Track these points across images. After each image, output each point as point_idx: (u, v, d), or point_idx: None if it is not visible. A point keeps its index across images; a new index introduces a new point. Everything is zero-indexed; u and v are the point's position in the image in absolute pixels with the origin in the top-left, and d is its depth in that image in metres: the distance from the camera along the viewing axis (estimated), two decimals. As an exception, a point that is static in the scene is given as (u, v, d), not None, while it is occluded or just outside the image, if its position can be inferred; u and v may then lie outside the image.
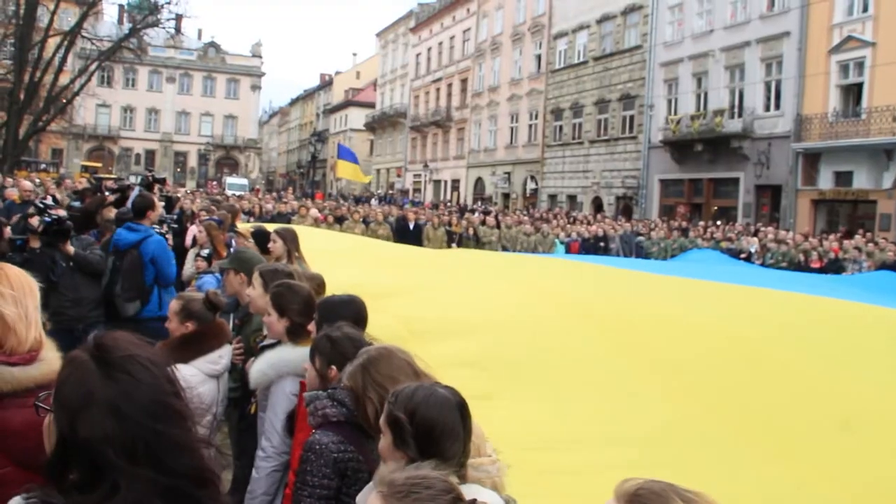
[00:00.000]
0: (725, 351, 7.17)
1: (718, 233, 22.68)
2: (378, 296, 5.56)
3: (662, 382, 5.72)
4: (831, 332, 8.78)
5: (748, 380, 5.87)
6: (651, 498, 1.41)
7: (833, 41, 25.53)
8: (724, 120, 28.55)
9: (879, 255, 18.13)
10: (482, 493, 2.16)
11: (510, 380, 5.31)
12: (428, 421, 2.17)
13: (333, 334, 3.19)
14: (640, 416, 4.80)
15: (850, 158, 24.76)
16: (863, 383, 6.37)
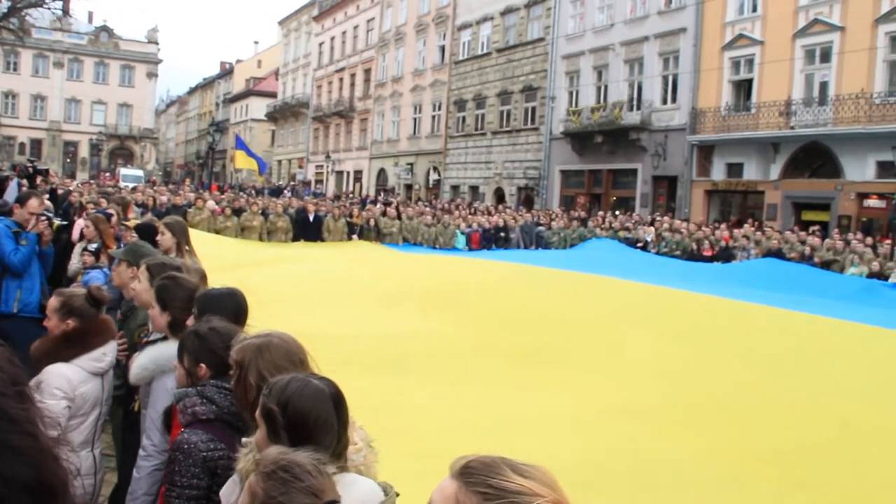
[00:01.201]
0: (589, 340, 7.30)
1: (616, 223, 22.97)
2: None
3: (532, 372, 6.08)
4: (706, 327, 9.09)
5: (610, 367, 6.47)
6: (481, 468, 1.40)
7: (726, 38, 26.28)
8: (623, 112, 28.97)
9: (766, 242, 18.69)
10: (360, 482, 2.19)
11: (389, 373, 5.41)
12: (300, 412, 2.15)
13: (201, 330, 3.09)
14: (511, 405, 4.91)
15: (741, 151, 25.54)
16: (730, 373, 6.67)
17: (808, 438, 4.81)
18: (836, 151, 22.75)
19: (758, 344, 8.22)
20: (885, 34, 21.97)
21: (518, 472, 1.39)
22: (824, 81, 23.47)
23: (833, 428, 5.07)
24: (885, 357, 7.70)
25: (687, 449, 4.44)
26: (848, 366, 7.15)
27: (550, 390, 5.45)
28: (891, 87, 21.87)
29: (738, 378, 6.32)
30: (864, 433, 4.99)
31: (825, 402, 5.68)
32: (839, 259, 16.96)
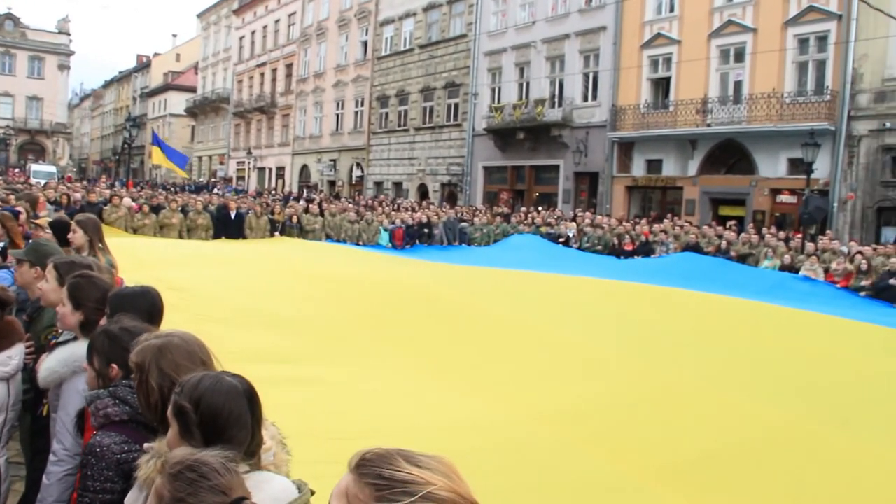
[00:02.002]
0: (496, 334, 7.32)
1: (539, 218, 22.95)
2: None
3: (451, 371, 6.03)
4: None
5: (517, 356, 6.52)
6: (375, 460, 1.42)
7: (644, 37, 26.54)
8: (545, 109, 29.02)
9: (684, 237, 18.92)
10: (274, 479, 2.16)
11: (303, 370, 5.32)
12: (213, 409, 2.12)
13: (112, 329, 2.99)
14: (433, 406, 4.87)
15: (660, 147, 25.84)
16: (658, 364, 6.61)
17: (727, 441, 4.77)
18: (751, 148, 23.21)
19: (686, 337, 8.25)
20: (794, 36, 22.51)
21: (412, 461, 1.39)
22: (738, 81, 23.92)
23: (757, 430, 5.01)
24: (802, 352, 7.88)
25: (595, 450, 4.43)
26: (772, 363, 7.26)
27: (469, 390, 5.33)
28: (800, 88, 22.42)
29: (665, 376, 6.32)
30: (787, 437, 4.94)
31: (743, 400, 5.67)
32: (754, 253, 17.25)
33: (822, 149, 20.25)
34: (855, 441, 4.99)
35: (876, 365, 7.30)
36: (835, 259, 15.78)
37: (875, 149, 20.71)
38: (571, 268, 16.29)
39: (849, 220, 21.05)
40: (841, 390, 6.30)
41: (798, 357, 7.36)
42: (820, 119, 21.07)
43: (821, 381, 6.53)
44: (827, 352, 7.63)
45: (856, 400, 6.07)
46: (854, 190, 20.93)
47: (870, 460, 4.72)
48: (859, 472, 4.55)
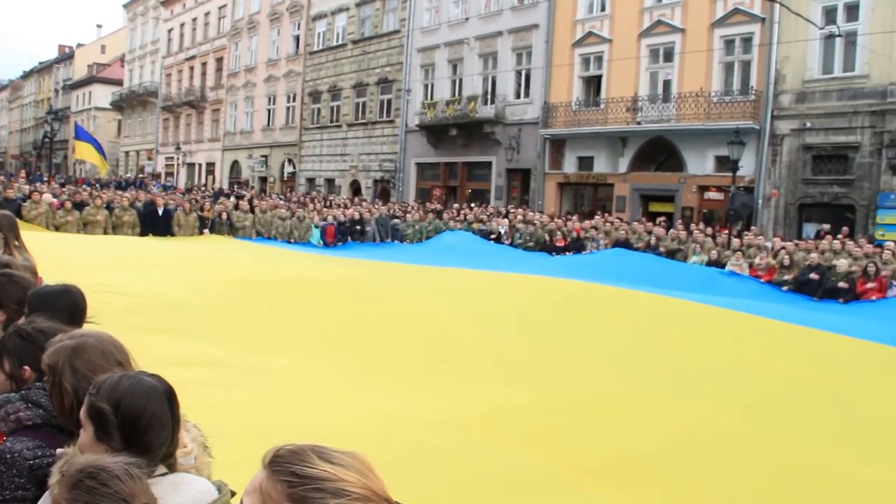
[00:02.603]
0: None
1: (471, 215, 22.82)
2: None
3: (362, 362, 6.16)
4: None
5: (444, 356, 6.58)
6: (288, 456, 1.39)
7: (576, 35, 26.61)
8: (478, 106, 28.89)
9: (615, 233, 19.02)
10: (192, 481, 2.09)
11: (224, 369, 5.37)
12: (134, 411, 2.04)
13: (25, 329, 2.83)
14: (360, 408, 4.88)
15: (592, 145, 25.94)
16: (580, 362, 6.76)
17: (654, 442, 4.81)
18: (679, 146, 23.47)
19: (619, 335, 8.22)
20: (721, 38, 22.84)
21: (325, 458, 1.37)
22: (668, 80, 24.16)
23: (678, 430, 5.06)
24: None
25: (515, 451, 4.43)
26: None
27: (399, 390, 5.35)
28: (726, 87, 22.75)
29: (593, 377, 6.37)
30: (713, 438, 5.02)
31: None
32: (683, 248, 17.39)
33: (748, 147, 20.58)
34: (773, 439, 5.10)
35: (796, 367, 7.51)
36: (759, 254, 15.97)
37: (797, 147, 21.14)
38: (503, 265, 16.31)
39: (773, 217, 21.45)
40: (759, 391, 6.46)
41: (719, 358, 7.54)
42: (745, 118, 21.41)
43: (740, 380, 6.72)
44: (748, 353, 7.81)
45: (775, 400, 6.23)
46: (777, 187, 21.34)
47: (788, 457, 4.82)
48: (780, 469, 4.62)
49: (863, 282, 13.82)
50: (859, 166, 20.01)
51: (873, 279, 13.76)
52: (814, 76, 20.95)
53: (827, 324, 9.75)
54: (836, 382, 7.03)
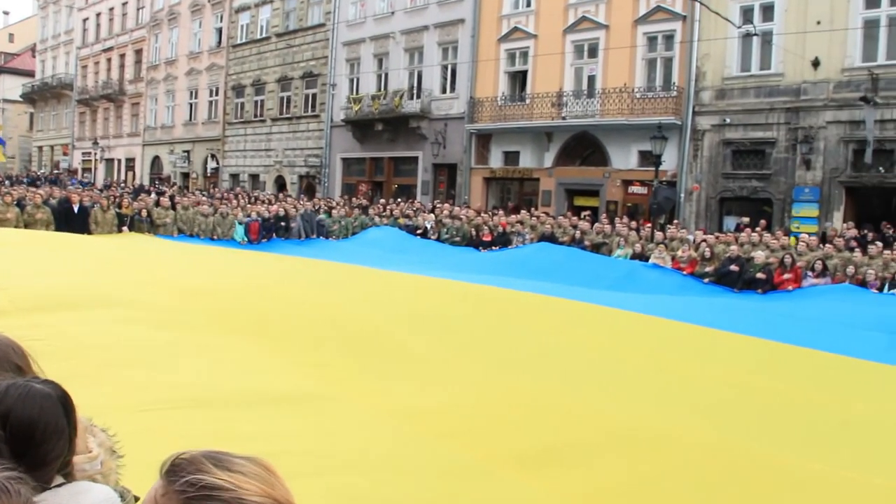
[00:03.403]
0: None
1: (397, 210, 22.48)
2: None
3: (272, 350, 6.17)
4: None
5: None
6: (184, 465, 1.29)
7: (502, 31, 26.47)
8: (404, 101, 28.52)
9: (541, 227, 18.98)
10: (92, 489, 1.91)
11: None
12: (26, 421, 1.80)
13: None
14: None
15: (517, 140, 25.85)
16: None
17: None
18: (604, 141, 23.55)
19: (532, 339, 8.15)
20: (644, 34, 23.00)
21: (222, 465, 1.29)
22: (592, 75, 24.23)
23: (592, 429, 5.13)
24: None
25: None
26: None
27: (318, 392, 5.32)
28: (649, 84, 22.93)
29: (507, 380, 6.30)
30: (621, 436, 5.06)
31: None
32: (607, 242, 17.41)
33: (670, 142, 20.79)
34: (684, 431, 5.23)
35: (704, 365, 7.69)
36: (681, 247, 16.07)
37: (717, 143, 21.44)
38: (430, 260, 16.12)
39: (694, 210, 21.70)
40: (665, 388, 6.57)
41: (629, 358, 7.63)
42: (667, 114, 21.60)
43: (649, 378, 6.85)
44: (657, 354, 7.93)
45: (686, 396, 6.34)
46: (699, 181, 21.61)
47: (701, 448, 4.90)
48: (692, 458, 4.70)
49: (780, 272, 14.07)
50: (776, 161, 20.40)
51: (789, 270, 14.00)
52: (732, 74, 21.26)
53: (734, 324, 9.90)
54: (742, 378, 7.27)
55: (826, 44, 19.51)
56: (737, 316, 10.85)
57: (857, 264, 13.88)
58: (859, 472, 4.79)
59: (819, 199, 19.58)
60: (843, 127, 19.38)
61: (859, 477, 4.70)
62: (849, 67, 19.36)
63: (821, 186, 19.61)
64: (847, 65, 19.40)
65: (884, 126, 18.61)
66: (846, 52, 19.41)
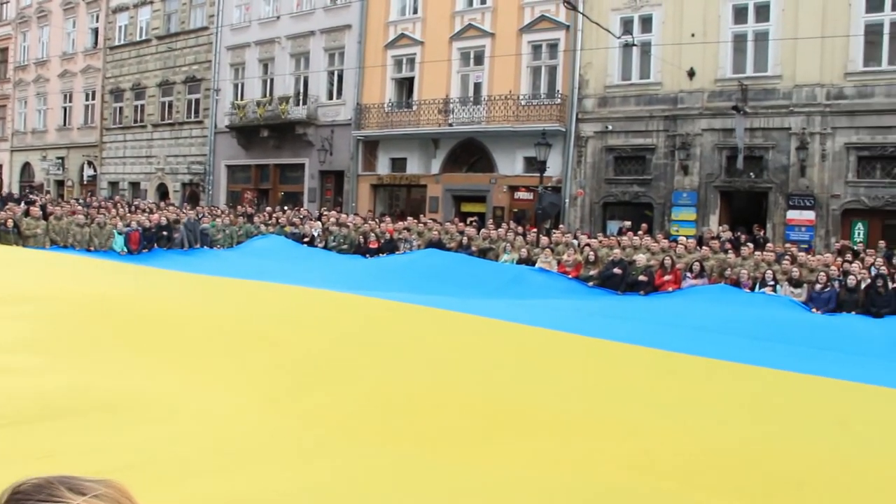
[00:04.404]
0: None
1: (283, 218, 21.66)
2: None
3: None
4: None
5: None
6: (31, 491, 1.20)
7: (389, 37, 26.04)
8: (290, 107, 27.65)
9: (427, 234, 18.66)
10: None
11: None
12: None
13: None
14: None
15: (404, 146, 25.43)
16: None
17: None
18: (490, 148, 23.44)
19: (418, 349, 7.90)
20: (528, 43, 23.05)
21: (76, 489, 1.21)
22: (478, 82, 24.11)
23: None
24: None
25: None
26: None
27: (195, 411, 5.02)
28: (534, 91, 22.99)
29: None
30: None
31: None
32: (494, 247, 17.18)
33: (554, 148, 20.83)
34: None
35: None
36: (566, 251, 16.00)
37: (600, 149, 21.65)
38: (317, 268, 15.53)
39: (579, 215, 21.82)
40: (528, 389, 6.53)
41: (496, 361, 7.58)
42: (552, 121, 21.68)
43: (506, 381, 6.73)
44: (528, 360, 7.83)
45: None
46: (583, 187, 21.75)
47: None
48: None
49: (660, 274, 14.15)
50: (655, 167, 20.76)
51: (669, 271, 14.10)
52: (614, 82, 21.53)
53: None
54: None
55: (700, 55, 20.01)
56: (610, 322, 10.89)
57: (731, 265, 14.13)
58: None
59: (696, 203, 20.03)
60: (717, 134, 19.90)
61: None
62: (721, 78, 19.91)
63: (698, 191, 20.07)
64: (719, 76, 19.96)
65: (753, 134, 19.21)
66: (718, 63, 19.97)
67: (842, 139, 18.46)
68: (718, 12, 20.00)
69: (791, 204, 18.83)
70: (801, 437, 5.36)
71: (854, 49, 18.40)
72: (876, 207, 18.13)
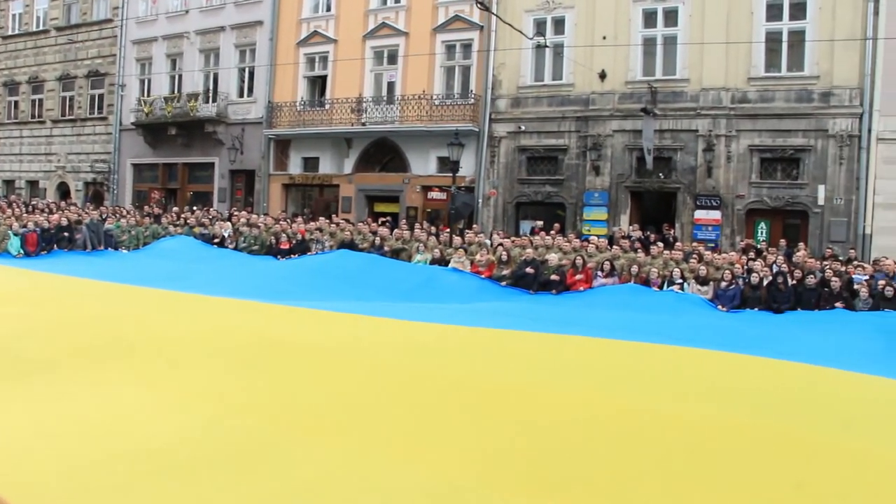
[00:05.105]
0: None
1: (192, 219, 20.70)
2: None
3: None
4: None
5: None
6: None
7: (302, 34, 25.34)
8: (199, 104, 26.57)
9: (340, 234, 18.14)
10: None
11: None
12: None
13: None
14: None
15: (317, 145, 24.76)
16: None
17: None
18: (403, 147, 23.02)
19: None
20: (442, 42, 22.73)
21: None
22: (391, 82, 23.66)
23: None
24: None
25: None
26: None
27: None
28: (448, 91, 22.68)
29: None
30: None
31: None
32: (407, 248, 16.79)
33: (468, 148, 20.59)
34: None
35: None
36: (479, 251, 15.73)
37: (512, 149, 21.51)
38: (227, 269, 14.97)
39: (492, 215, 21.61)
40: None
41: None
42: (465, 121, 21.43)
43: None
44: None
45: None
46: (496, 187, 21.55)
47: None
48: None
49: (572, 274, 14.04)
50: (567, 167, 20.73)
51: (581, 271, 14.00)
52: (527, 83, 21.42)
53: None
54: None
55: (611, 58, 20.07)
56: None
57: (640, 264, 14.08)
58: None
59: (607, 203, 20.08)
60: (627, 135, 19.99)
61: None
62: (631, 80, 20.02)
63: (609, 191, 20.12)
64: (630, 78, 20.06)
65: (662, 135, 19.37)
66: (629, 66, 20.07)
67: (745, 141, 18.80)
68: (629, 16, 20.11)
69: (698, 204, 19.07)
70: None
71: (756, 55, 18.77)
72: (777, 207, 18.52)
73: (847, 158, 17.78)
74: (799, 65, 18.53)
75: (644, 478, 4.38)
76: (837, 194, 17.88)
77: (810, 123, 18.16)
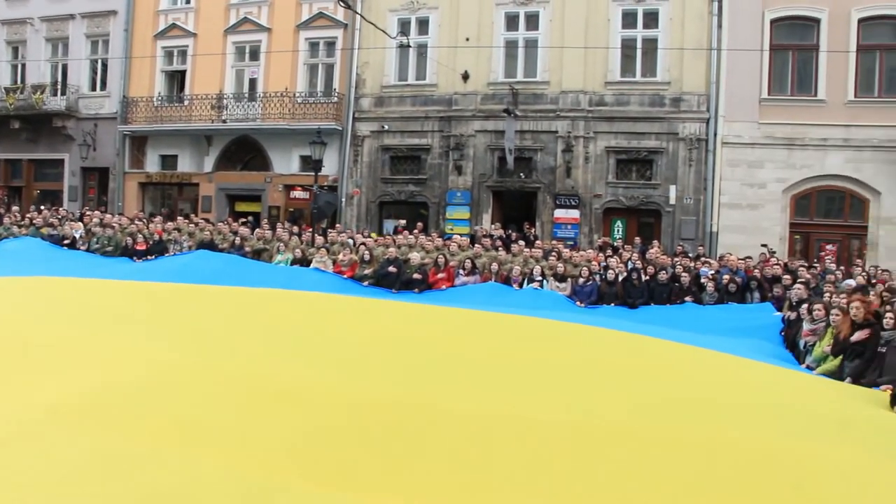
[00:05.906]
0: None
1: (39, 219, 18.90)
2: None
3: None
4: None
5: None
6: None
7: (159, 26, 23.81)
8: (46, 97, 24.48)
9: (199, 234, 17.05)
10: None
11: None
12: None
13: None
14: None
15: (176, 143, 23.32)
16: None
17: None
18: (265, 145, 22.03)
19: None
20: (306, 39, 21.95)
21: None
22: (253, 78, 22.58)
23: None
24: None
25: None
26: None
27: None
28: (311, 89, 21.90)
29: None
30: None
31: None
32: (268, 248, 15.98)
33: (331, 147, 19.90)
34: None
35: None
36: (342, 251, 15.11)
37: (376, 148, 20.97)
38: (80, 272, 13.69)
39: (355, 214, 20.98)
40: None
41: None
42: (328, 119, 20.74)
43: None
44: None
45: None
46: (359, 186, 20.93)
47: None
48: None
49: (434, 272, 13.69)
50: (430, 167, 20.40)
51: (443, 269, 13.69)
52: (391, 82, 20.94)
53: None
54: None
55: (474, 59, 19.89)
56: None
57: (501, 262, 13.88)
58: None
59: (470, 203, 19.88)
60: (489, 136, 19.86)
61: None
62: (493, 82, 19.91)
63: (471, 190, 19.92)
64: (492, 79, 19.95)
65: (523, 136, 19.35)
66: (491, 67, 19.96)
67: (602, 143, 19.04)
68: (492, 18, 20.01)
69: (558, 203, 19.15)
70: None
71: (612, 60, 19.06)
72: (632, 206, 18.87)
73: (696, 160, 18.32)
74: (652, 71, 18.97)
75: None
76: (687, 194, 18.39)
77: (662, 127, 18.60)
